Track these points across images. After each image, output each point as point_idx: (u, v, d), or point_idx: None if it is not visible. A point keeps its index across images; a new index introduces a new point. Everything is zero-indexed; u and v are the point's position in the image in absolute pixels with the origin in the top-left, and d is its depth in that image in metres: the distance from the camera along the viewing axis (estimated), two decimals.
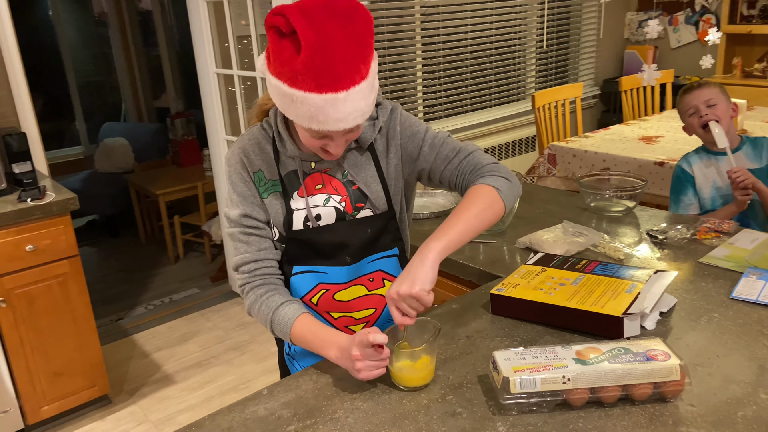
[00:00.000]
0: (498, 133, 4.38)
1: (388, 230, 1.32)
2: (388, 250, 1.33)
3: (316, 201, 1.26)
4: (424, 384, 1.13)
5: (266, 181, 1.27)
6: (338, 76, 1.01)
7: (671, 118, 3.68)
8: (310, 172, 1.27)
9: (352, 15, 1.03)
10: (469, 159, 1.26)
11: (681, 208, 2.13)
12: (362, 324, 1.34)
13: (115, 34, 5.77)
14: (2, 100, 2.72)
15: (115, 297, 3.83)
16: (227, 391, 2.78)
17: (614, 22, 5.07)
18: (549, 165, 3.34)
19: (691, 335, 1.25)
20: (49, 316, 2.43)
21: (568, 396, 1.04)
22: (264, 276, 1.27)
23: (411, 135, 1.28)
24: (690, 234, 1.70)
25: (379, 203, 1.28)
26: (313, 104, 1.03)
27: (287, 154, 1.25)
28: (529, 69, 4.61)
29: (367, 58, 1.06)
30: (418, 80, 3.91)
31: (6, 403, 2.40)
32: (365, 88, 1.06)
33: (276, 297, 1.25)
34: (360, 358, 1.08)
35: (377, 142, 1.28)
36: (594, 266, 1.44)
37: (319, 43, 0.99)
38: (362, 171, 1.27)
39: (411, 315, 1.11)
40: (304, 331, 1.20)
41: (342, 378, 1.17)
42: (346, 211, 1.27)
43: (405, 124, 1.28)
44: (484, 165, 1.26)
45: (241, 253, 1.28)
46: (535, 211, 2.01)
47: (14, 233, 2.30)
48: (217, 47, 3.17)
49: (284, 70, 1.03)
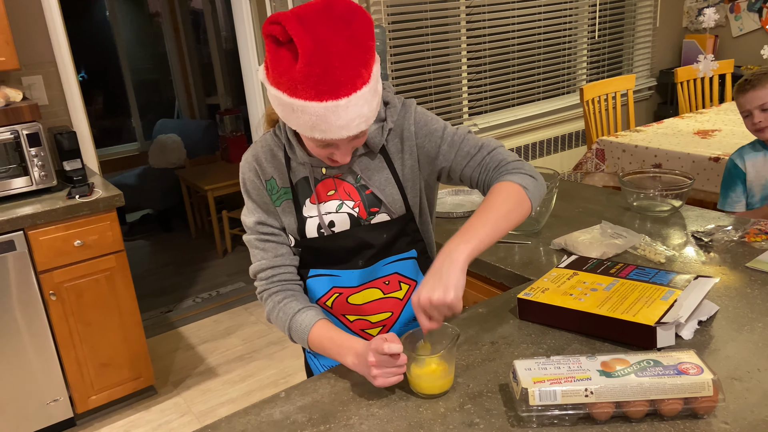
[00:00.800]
0: (546, 127, 4.27)
1: (406, 233, 1.29)
2: (404, 252, 1.30)
3: (328, 208, 1.24)
4: (443, 392, 1.10)
5: (278, 189, 1.25)
6: (339, 82, 0.98)
7: (730, 111, 3.49)
8: (321, 178, 1.24)
9: (351, 18, 0.99)
10: (492, 155, 1.21)
11: (728, 205, 2.03)
12: (379, 328, 1.32)
13: (169, 33, 5.92)
14: (55, 100, 2.82)
15: (165, 289, 3.94)
16: (267, 386, 2.82)
17: (672, 9, 4.86)
18: (597, 160, 3.23)
19: (732, 346, 1.17)
20: (96, 308, 2.52)
21: (591, 409, 0.99)
22: (281, 282, 1.27)
23: (428, 134, 1.22)
24: (738, 236, 1.60)
25: (395, 207, 1.24)
26: (314, 113, 1.00)
27: (297, 161, 1.23)
28: (580, 60, 4.47)
29: (369, 61, 1.02)
30: (463, 73, 3.84)
31: (57, 392, 2.50)
32: (367, 93, 1.02)
33: (293, 303, 1.24)
34: (376, 365, 1.06)
35: (389, 143, 1.23)
36: (630, 270, 1.37)
37: (317, 49, 0.96)
38: (376, 175, 1.23)
39: (439, 321, 1.08)
40: (322, 338, 1.19)
41: (359, 383, 1.15)
42: (360, 217, 1.24)
43: (420, 122, 1.22)
44: (508, 162, 1.20)
45: (258, 260, 1.27)
46: (574, 210, 1.94)
47: (63, 229, 2.38)
48: (260, 45, 3.20)
49: (283, 79, 1.00)
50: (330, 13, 0.99)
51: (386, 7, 3.37)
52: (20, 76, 2.72)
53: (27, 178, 2.46)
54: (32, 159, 2.45)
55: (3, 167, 2.42)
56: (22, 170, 2.45)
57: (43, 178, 2.49)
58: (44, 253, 2.36)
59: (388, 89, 1.22)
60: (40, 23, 2.73)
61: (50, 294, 2.39)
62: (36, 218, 2.31)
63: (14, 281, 2.32)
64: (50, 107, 2.82)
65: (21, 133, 2.41)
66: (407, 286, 1.31)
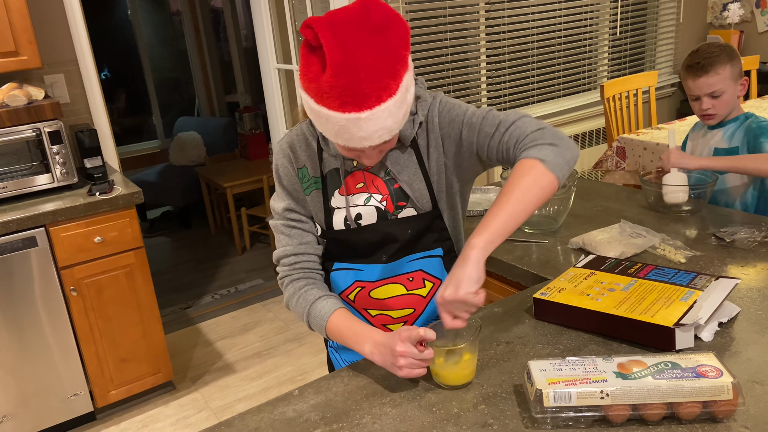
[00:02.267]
0: (566, 124, 4.22)
1: (432, 230, 1.28)
2: (430, 250, 1.30)
3: (356, 200, 1.25)
4: (467, 382, 1.11)
5: (309, 177, 1.26)
6: (363, 94, 0.99)
7: (755, 108, 3.42)
8: (351, 170, 1.25)
9: (386, 28, 0.99)
10: (511, 131, 1.14)
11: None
12: (400, 323, 1.32)
13: (189, 32, 5.97)
14: (76, 99, 2.86)
15: (185, 286, 3.98)
16: (284, 382, 2.83)
17: (696, 5, 4.77)
18: (618, 158, 3.19)
19: (753, 349, 1.15)
20: (116, 304, 2.55)
21: (606, 412, 0.98)
22: (304, 270, 1.28)
23: (450, 121, 1.20)
24: (762, 236, 1.57)
25: (422, 202, 1.24)
26: (337, 122, 1.02)
27: (330, 152, 1.25)
28: (601, 57, 4.41)
29: (398, 72, 1.01)
30: (482, 70, 3.82)
31: (77, 386, 2.53)
32: (392, 106, 1.02)
33: (314, 291, 1.25)
34: (405, 354, 1.06)
35: (419, 137, 1.23)
36: (649, 270, 1.35)
37: (345, 61, 0.97)
38: (405, 169, 1.24)
39: (462, 318, 1.08)
40: (340, 325, 1.19)
41: (373, 382, 1.15)
42: (387, 210, 1.24)
43: (443, 111, 1.21)
44: (526, 135, 1.12)
45: (283, 245, 1.28)
46: (593, 209, 1.91)
47: (84, 225, 2.41)
48: (278, 43, 3.21)
49: (311, 86, 1.02)
50: (364, 23, 0.99)
51: (404, 3, 3.36)
52: (42, 74, 2.76)
53: (49, 175, 2.50)
54: (54, 156, 2.48)
55: (26, 164, 2.45)
56: (44, 167, 2.48)
57: (64, 176, 2.52)
58: (65, 249, 2.39)
59: (420, 85, 1.22)
60: (62, 22, 2.76)
61: (71, 290, 2.42)
62: (57, 215, 2.34)
63: (36, 277, 2.36)
64: (72, 105, 2.85)
65: (43, 131, 2.45)
66: (431, 284, 1.30)
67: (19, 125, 2.41)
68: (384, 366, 1.11)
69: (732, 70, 1.88)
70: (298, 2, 3.13)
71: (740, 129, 1.91)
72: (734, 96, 1.90)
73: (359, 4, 1.01)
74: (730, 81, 1.87)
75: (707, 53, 1.88)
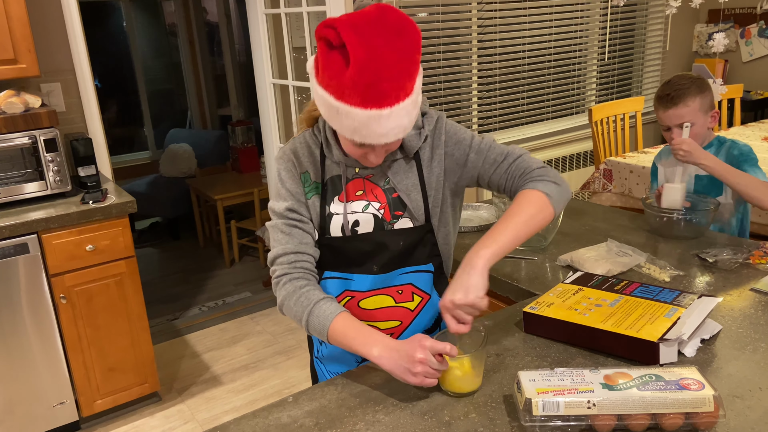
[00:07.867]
0: (555, 146, 4.30)
1: (424, 244, 1.32)
2: (422, 264, 1.33)
3: (354, 207, 1.28)
4: (475, 389, 1.15)
5: (311, 182, 1.30)
6: (384, 93, 1.04)
7: (739, 135, 3.51)
8: (352, 177, 1.29)
9: (402, 31, 1.04)
10: (517, 163, 1.27)
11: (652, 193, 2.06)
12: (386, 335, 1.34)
13: (184, 45, 6.01)
14: (72, 108, 2.88)
15: (172, 297, 3.97)
16: (271, 395, 2.83)
17: (682, 33, 4.90)
18: (605, 180, 3.25)
19: (734, 365, 1.19)
20: (106, 313, 2.55)
21: (593, 422, 1.01)
22: (303, 270, 1.26)
23: (457, 142, 1.29)
24: (743, 258, 1.62)
25: (417, 213, 1.28)
26: (357, 119, 1.06)
27: (333, 159, 1.28)
28: (589, 81, 4.51)
29: (413, 74, 1.07)
30: (473, 91, 3.88)
31: (63, 395, 2.52)
32: (409, 105, 1.08)
33: (316, 292, 1.23)
34: (425, 362, 1.08)
35: (423, 150, 1.29)
36: (634, 288, 1.39)
37: (369, 59, 1.01)
38: (405, 179, 1.28)
39: (467, 321, 1.14)
40: (347, 327, 1.17)
41: (366, 390, 1.17)
42: (384, 219, 1.28)
43: (450, 132, 1.30)
44: (533, 169, 1.26)
45: (282, 244, 1.26)
46: (581, 228, 1.96)
47: (76, 233, 2.42)
48: (275, 58, 3.26)
49: (332, 83, 1.05)
50: (383, 25, 1.03)
51: None
52: (39, 82, 2.78)
53: (42, 182, 2.51)
54: (48, 164, 2.50)
55: (20, 171, 2.46)
56: (38, 174, 2.49)
57: (58, 183, 2.53)
58: (56, 256, 2.39)
59: (423, 102, 1.28)
60: (61, 32, 2.79)
61: (60, 297, 2.42)
62: (50, 222, 2.35)
63: (26, 283, 2.36)
64: (67, 114, 2.87)
65: (39, 139, 2.46)
66: (420, 299, 1.33)
67: (15, 132, 2.43)
68: (392, 370, 1.11)
69: (702, 102, 1.90)
70: (294, 18, 3.18)
71: (720, 154, 1.95)
72: (704, 127, 1.93)
73: (376, 8, 1.06)
74: (699, 113, 1.90)
75: (678, 85, 1.91)
